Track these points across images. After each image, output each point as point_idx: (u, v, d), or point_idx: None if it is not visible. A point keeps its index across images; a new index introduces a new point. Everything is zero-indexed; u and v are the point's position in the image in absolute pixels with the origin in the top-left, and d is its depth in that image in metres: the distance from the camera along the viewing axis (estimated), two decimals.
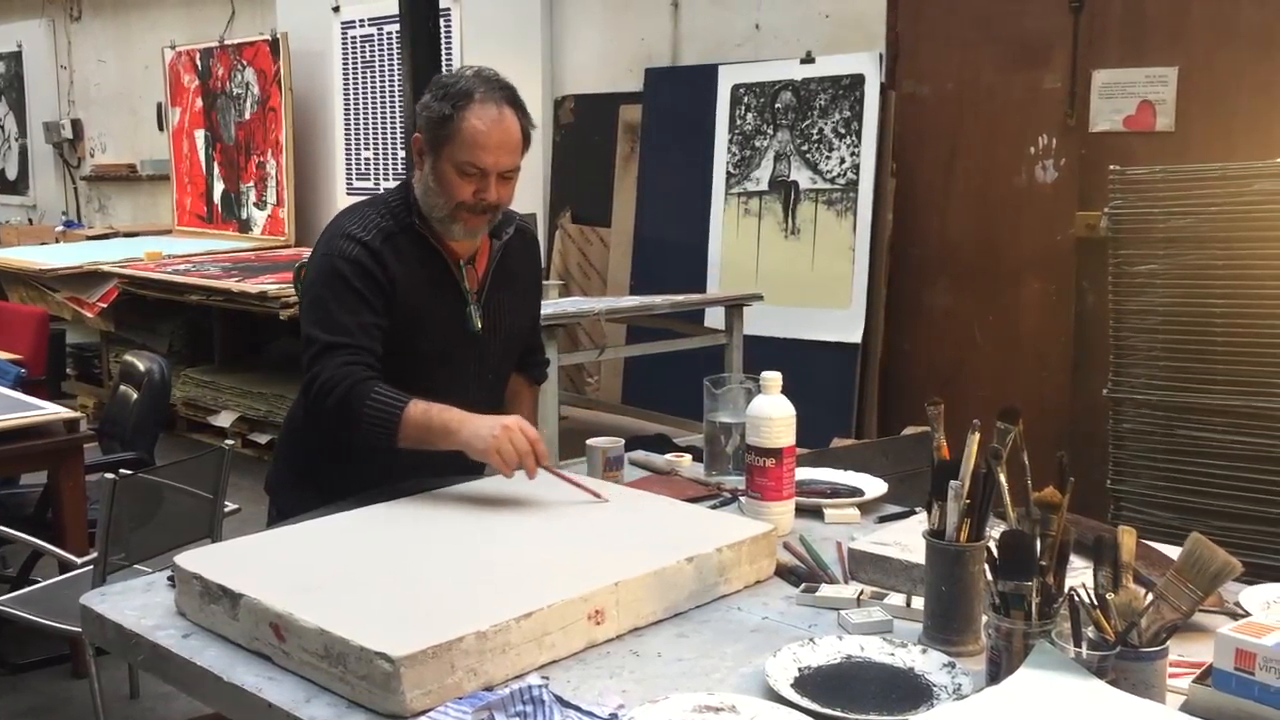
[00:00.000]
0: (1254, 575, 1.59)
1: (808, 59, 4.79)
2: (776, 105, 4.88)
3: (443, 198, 2.05)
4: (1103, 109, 4.14)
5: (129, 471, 2.77)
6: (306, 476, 2.20)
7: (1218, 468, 3.03)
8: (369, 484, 2.03)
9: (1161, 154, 3.81)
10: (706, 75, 5.12)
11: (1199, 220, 3.02)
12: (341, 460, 2.11)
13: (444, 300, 2.13)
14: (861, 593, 1.67)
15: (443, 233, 2.11)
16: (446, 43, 5.99)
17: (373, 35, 6.87)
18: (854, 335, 4.57)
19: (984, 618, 1.40)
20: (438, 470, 2.07)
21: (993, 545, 1.37)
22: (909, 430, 4.38)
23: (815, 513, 2.07)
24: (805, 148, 4.77)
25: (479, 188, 2.03)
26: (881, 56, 4.60)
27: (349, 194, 6.91)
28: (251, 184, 7.46)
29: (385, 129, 6.83)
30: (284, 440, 2.38)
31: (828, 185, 4.69)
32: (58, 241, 7.98)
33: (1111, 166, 3.24)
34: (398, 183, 2.22)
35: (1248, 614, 1.50)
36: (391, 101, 6.75)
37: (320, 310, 2.04)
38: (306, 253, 4.43)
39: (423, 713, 1.33)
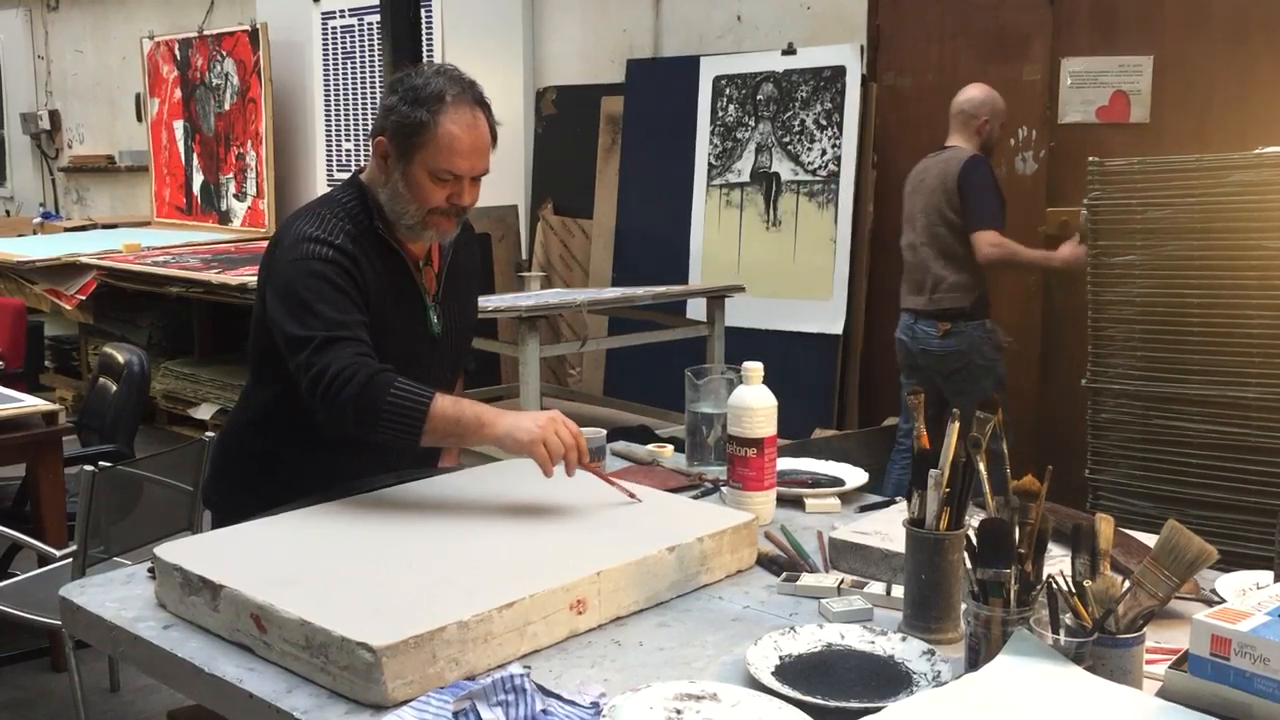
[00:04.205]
0: (1229, 563, 1.60)
1: (789, 50, 4.80)
2: (758, 97, 4.88)
3: (415, 204, 1.99)
4: (1072, 99, 4.14)
5: (108, 464, 2.76)
6: (247, 489, 2.09)
7: (1194, 457, 3.05)
8: (318, 489, 1.93)
9: (1137, 146, 3.83)
10: (688, 67, 5.12)
11: (1177, 211, 3.04)
12: (291, 469, 2.03)
13: (405, 304, 2.07)
14: (842, 581, 1.68)
15: (408, 237, 2.04)
16: (427, 34, 5.97)
17: (353, 26, 6.84)
18: (835, 326, 4.59)
19: (963, 605, 1.41)
20: (392, 469, 2.01)
21: (972, 533, 1.38)
22: (890, 421, 4.40)
23: (796, 502, 2.07)
24: (786, 139, 4.78)
25: (453, 192, 1.99)
26: (862, 48, 4.61)
27: (329, 185, 6.88)
28: (231, 175, 7.42)
29: (366, 120, 6.80)
30: (226, 450, 2.24)
31: (809, 177, 4.70)
32: (35, 233, 7.92)
33: (1090, 158, 3.26)
34: (342, 182, 2.12)
35: (1223, 600, 1.52)
36: (372, 93, 6.72)
37: (306, 311, 1.90)
38: None
39: (404, 703, 1.33)
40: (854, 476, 2.20)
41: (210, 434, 2.99)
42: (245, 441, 2.17)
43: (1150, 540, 1.52)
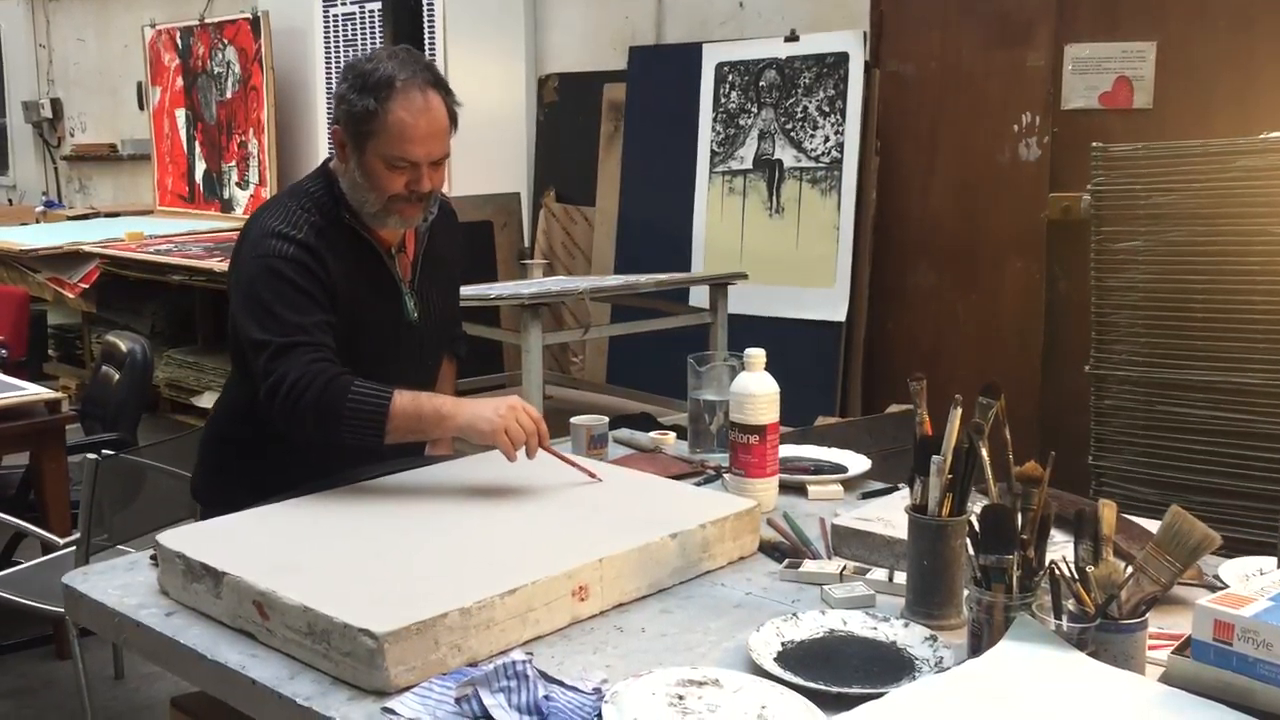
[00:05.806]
0: (1232, 549, 1.60)
1: (792, 37, 4.78)
2: (760, 84, 4.86)
3: (373, 193, 1.96)
4: (1075, 85, 4.11)
5: (111, 452, 2.76)
6: (234, 481, 2.07)
7: (1198, 443, 3.04)
8: (305, 480, 1.92)
9: (1140, 131, 3.80)
10: (690, 54, 5.10)
11: (1182, 197, 3.03)
12: (277, 460, 2.00)
13: (380, 293, 2.05)
14: (844, 568, 1.68)
15: (376, 226, 2.02)
16: (429, 21, 5.95)
17: (354, 14, 6.82)
18: (838, 314, 4.58)
19: (965, 591, 1.41)
20: (378, 460, 2.00)
21: (974, 520, 1.38)
22: (892, 408, 4.39)
23: (799, 489, 2.07)
24: (789, 126, 4.76)
25: (411, 179, 1.95)
26: (865, 35, 4.59)
27: None
28: (233, 164, 7.41)
29: None
30: (212, 443, 2.23)
31: (812, 164, 4.68)
32: (38, 222, 7.92)
33: (1094, 144, 3.24)
34: (313, 170, 2.10)
35: (1226, 586, 1.52)
36: None
37: (265, 314, 1.90)
38: None
39: (407, 689, 1.33)
40: (856, 463, 2.20)
41: None
42: (229, 434, 2.15)
43: (1153, 526, 1.52)
